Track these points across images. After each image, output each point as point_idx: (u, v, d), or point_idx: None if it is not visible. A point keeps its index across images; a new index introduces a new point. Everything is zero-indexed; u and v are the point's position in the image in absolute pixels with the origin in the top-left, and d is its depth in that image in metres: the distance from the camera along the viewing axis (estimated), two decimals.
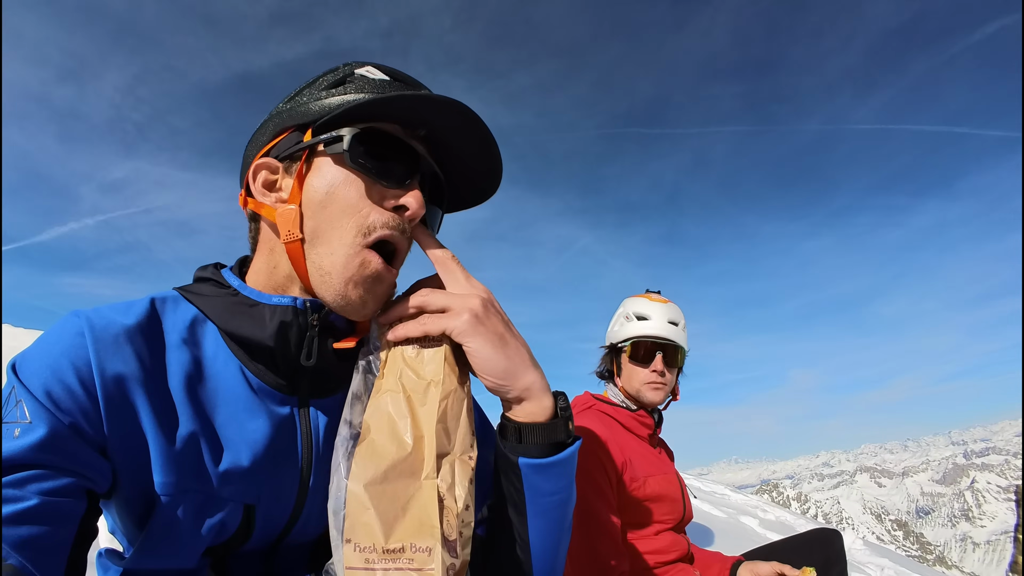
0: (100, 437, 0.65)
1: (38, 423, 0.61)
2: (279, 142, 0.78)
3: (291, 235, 0.73)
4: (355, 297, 0.73)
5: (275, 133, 0.78)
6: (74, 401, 0.64)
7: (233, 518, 0.74)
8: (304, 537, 0.83)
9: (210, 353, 0.75)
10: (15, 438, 0.60)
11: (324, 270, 0.72)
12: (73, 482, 0.62)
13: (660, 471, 1.68)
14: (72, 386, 0.64)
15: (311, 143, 0.74)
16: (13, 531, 0.57)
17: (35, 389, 0.63)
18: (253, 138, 0.83)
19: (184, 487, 0.69)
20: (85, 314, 0.69)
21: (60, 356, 0.65)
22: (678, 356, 1.77)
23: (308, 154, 0.75)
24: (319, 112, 0.75)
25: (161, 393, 0.70)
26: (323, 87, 0.77)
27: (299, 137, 0.76)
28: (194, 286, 0.80)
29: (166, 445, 0.68)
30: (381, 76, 0.78)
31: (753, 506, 6.94)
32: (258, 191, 0.77)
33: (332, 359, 0.78)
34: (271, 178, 0.77)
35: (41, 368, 0.64)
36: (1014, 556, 7.93)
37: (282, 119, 0.78)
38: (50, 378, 0.64)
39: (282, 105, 0.80)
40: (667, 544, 1.62)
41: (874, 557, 4.93)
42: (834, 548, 1.72)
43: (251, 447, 0.73)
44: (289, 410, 0.77)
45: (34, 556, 0.58)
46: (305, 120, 0.76)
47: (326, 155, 0.74)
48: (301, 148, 0.75)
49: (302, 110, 0.76)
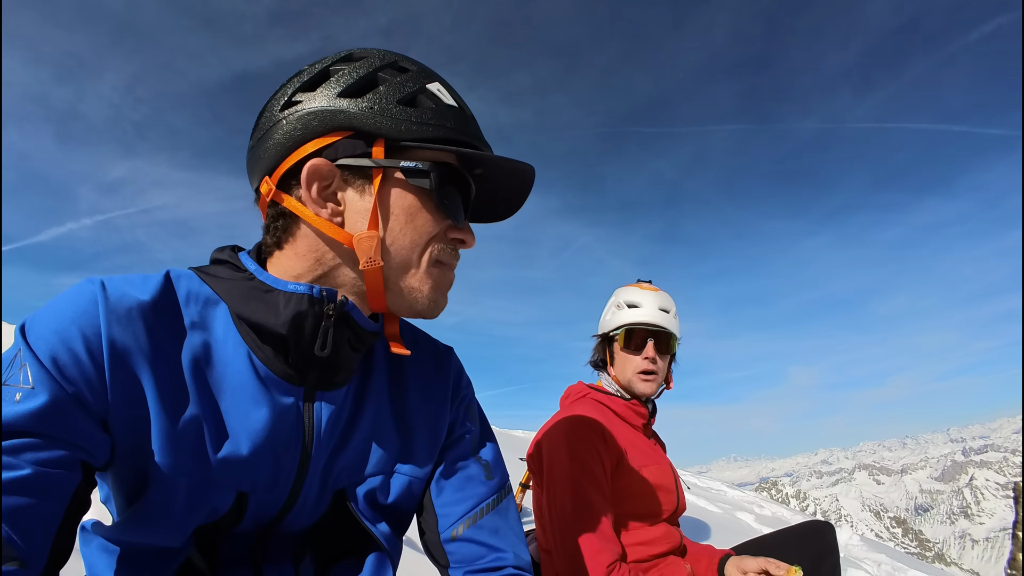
0: (102, 409, 0.64)
1: (40, 390, 0.60)
2: (337, 143, 0.72)
3: (372, 263, 0.74)
4: (442, 303, 0.80)
5: (330, 128, 0.72)
6: (80, 370, 0.62)
7: (224, 503, 0.73)
8: (296, 526, 0.82)
9: (220, 336, 0.74)
10: (15, 402, 0.59)
11: (411, 288, 0.77)
12: (69, 454, 0.61)
13: (654, 461, 1.67)
14: (79, 354, 0.62)
15: (387, 165, 0.72)
16: (3, 500, 0.55)
17: (41, 354, 0.61)
18: (286, 114, 0.74)
19: (180, 469, 0.68)
20: (100, 281, 0.67)
21: (70, 323, 0.63)
22: (670, 343, 1.75)
23: (380, 173, 0.73)
24: (394, 130, 0.72)
25: (168, 372, 0.69)
26: (393, 98, 0.73)
27: (364, 147, 0.72)
28: (210, 267, 0.78)
29: (168, 425, 0.67)
30: (451, 102, 0.77)
31: (750, 502, 6.94)
32: (312, 199, 0.73)
33: (346, 351, 0.77)
34: (324, 185, 0.73)
35: (49, 333, 0.62)
36: (1012, 553, 7.94)
37: (337, 118, 0.72)
38: (58, 344, 0.62)
39: (335, 98, 0.73)
40: (660, 535, 1.61)
41: (871, 553, 4.93)
42: (826, 540, 1.70)
43: (252, 436, 0.72)
44: (294, 400, 0.76)
45: (22, 527, 0.57)
46: (374, 130, 0.72)
47: (400, 180, 0.74)
48: (374, 166, 0.72)
49: (371, 118, 0.72)
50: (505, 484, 0.94)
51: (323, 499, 0.82)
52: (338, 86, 0.73)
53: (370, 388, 0.85)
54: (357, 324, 0.77)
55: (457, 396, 0.95)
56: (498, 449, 0.98)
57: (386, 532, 0.85)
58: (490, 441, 0.97)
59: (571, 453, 1.52)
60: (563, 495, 1.48)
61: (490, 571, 0.86)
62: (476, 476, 0.91)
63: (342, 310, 0.75)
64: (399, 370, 0.90)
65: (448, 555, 0.87)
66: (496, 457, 0.96)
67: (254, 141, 0.77)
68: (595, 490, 1.49)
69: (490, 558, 0.86)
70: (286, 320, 0.72)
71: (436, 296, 0.79)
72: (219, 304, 0.75)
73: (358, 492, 0.83)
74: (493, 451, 0.96)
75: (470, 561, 0.86)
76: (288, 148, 0.73)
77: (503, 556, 0.87)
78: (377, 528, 0.84)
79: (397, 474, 0.85)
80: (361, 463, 0.83)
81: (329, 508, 0.83)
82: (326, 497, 0.82)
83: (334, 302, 0.74)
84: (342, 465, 0.81)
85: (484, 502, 0.89)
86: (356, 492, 0.82)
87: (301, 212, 0.74)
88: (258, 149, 0.76)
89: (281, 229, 0.77)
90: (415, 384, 0.90)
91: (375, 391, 0.85)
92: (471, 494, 0.89)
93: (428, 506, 0.89)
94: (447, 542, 0.87)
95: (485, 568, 0.86)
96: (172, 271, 0.75)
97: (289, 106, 0.74)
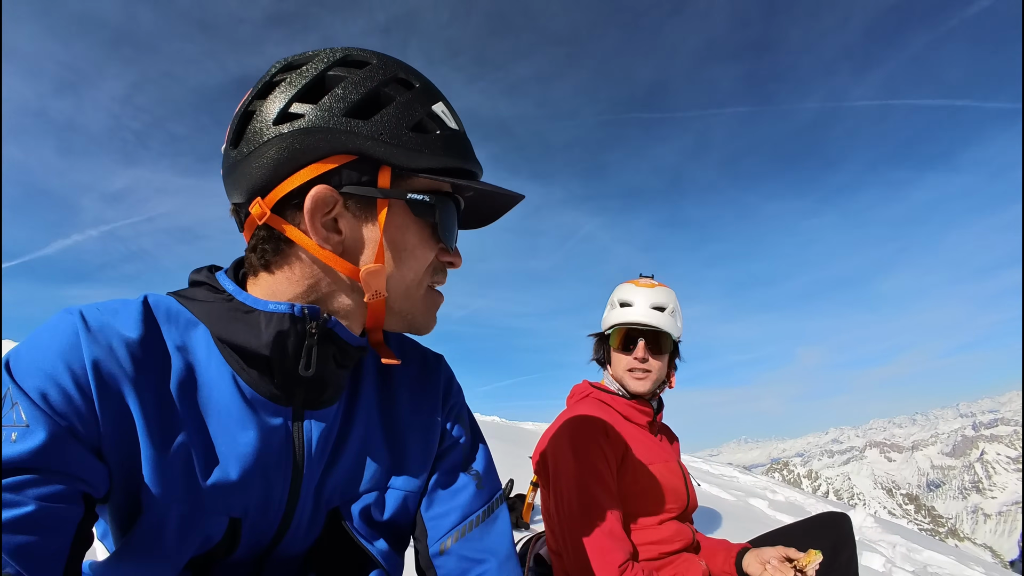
0: (96, 439, 0.64)
1: (36, 427, 0.59)
2: (341, 168, 0.69)
3: (378, 296, 0.74)
4: (433, 323, 0.82)
5: (336, 151, 0.68)
6: (70, 404, 0.62)
7: (217, 530, 0.72)
8: (293, 550, 0.81)
9: (203, 360, 0.72)
10: (13, 442, 0.58)
11: (407, 312, 0.79)
12: (71, 487, 0.61)
13: (661, 459, 1.65)
14: (67, 388, 0.62)
15: (395, 196, 0.71)
16: (11, 538, 0.55)
17: (30, 391, 0.60)
18: (282, 129, 0.68)
19: (171, 496, 0.67)
20: (79, 312, 0.67)
21: (55, 357, 0.62)
22: (664, 342, 1.70)
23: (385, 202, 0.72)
24: (403, 159, 0.70)
25: (154, 398, 0.67)
26: (402, 123, 0.70)
27: (370, 175, 0.70)
28: (188, 290, 0.77)
29: (156, 453, 0.66)
30: (454, 126, 0.76)
31: (762, 487, 6.93)
32: (315, 230, 0.69)
33: (331, 368, 0.75)
34: (326, 211, 0.70)
35: (35, 370, 0.62)
36: None
37: (344, 141, 0.68)
38: (45, 380, 0.61)
39: (343, 117, 0.68)
40: (671, 534, 1.59)
41: (886, 534, 4.91)
42: (842, 531, 1.68)
43: (241, 460, 0.71)
44: (282, 421, 0.74)
45: (31, 564, 0.57)
46: (382, 158, 0.69)
47: (405, 211, 0.74)
48: (381, 196, 0.71)
49: (381, 145, 0.69)
50: (496, 494, 0.92)
51: (317, 519, 0.80)
52: (344, 103, 0.68)
53: (359, 403, 0.83)
54: (342, 340, 0.74)
55: (447, 404, 0.93)
56: (489, 457, 0.96)
57: (384, 550, 0.83)
58: (481, 449, 0.95)
59: (575, 453, 1.50)
60: (570, 496, 1.47)
61: None
62: (466, 487, 0.89)
63: (325, 327, 0.72)
64: (388, 382, 0.88)
65: (436, 569, 0.86)
66: (488, 466, 0.94)
67: (239, 153, 0.70)
68: (602, 489, 1.47)
69: (475, 573, 0.85)
70: (268, 340, 0.70)
71: (430, 319, 0.82)
72: (199, 327, 0.73)
73: (353, 510, 0.81)
74: (484, 459, 0.94)
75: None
76: (287, 170, 0.69)
77: (489, 571, 0.85)
78: (375, 546, 0.82)
79: (392, 489, 0.84)
80: (354, 480, 0.81)
81: (324, 529, 0.81)
82: (320, 517, 0.80)
83: (316, 320, 0.71)
84: (334, 483, 0.80)
85: (474, 514, 0.87)
86: (351, 510, 0.81)
87: (302, 242, 0.70)
88: (246, 164, 0.70)
89: (271, 252, 0.73)
90: (404, 396, 0.88)
91: (364, 406, 0.84)
92: (460, 505, 0.87)
93: (418, 519, 0.87)
94: (435, 556, 0.86)
95: None
96: (150, 296, 0.73)
97: (286, 119, 0.68)
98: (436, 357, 0.96)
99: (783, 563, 1.45)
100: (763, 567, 1.48)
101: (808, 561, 1.41)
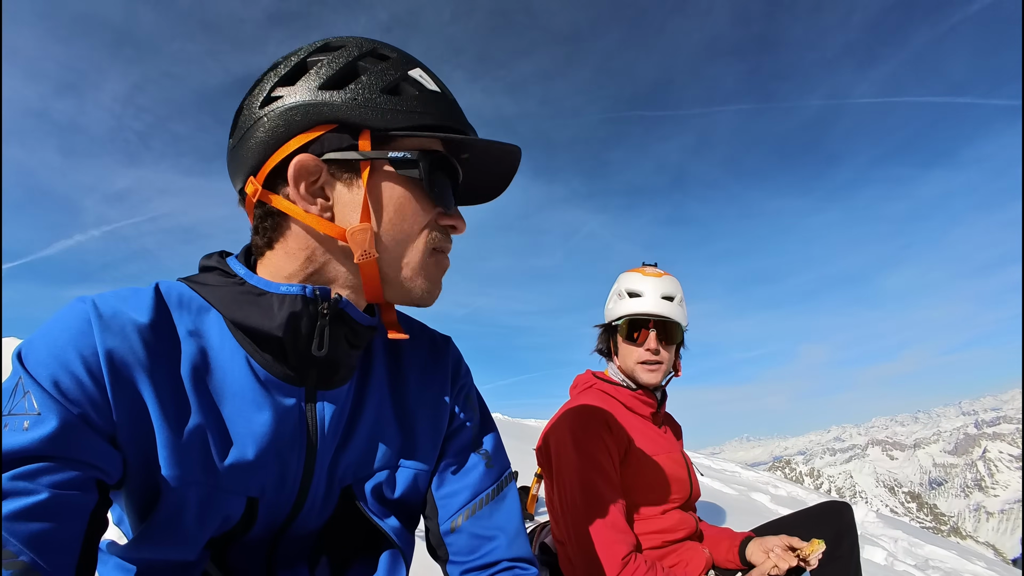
0: (110, 427, 0.64)
1: (48, 415, 0.60)
2: (322, 138, 0.71)
3: (368, 255, 0.73)
4: (437, 291, 0.80)
5: (314, 122, 0.71)
6: (82, 391, 0.62)
7: (236, 510, 0.73)
8: (306, 528, 0.82)
9: (216, 344, 0.73)
10: (25, 430, 0.59)
11: (407, 277, 0.77)
12: (84, 474, 0.61)
13: (664, 450, 1.66)
14: (80, 376, 0.62)
15: (375, 157, 0.71)
16: (24, 526, 0.56)
17: (43, 379, 0.61)
18: (266, 111, 0.72)
19: (189, 480, 0.68)
20: (91, 300, 0.67)
21: (67, 345, 0.63)
22: (674, 332, 1.70)
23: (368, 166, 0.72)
24: (379, 121, 0.71)
25: (168, 384, 0.68)
26: (376, 88, 0.72)
27: (350, 140, 0.71)
28: (199, 276, 0.78)
29: (172, 437, 0.67)
30: (434, 87, 0.76)
31: (764, 483, 6.94)
32: (301, 196, 0.71)
33: (343, 349, 0.76)
34: (312, 180, 0.72)
35: (47, 358, 0.62)
36: None
37: (320, 111, 0.70)
38: (57, 368, 0.62)
39: (317, 91, 0.71)
40: (675, 523, 1.60)
41: (887, 529, 4.93)
42: (844, 521, 1.69)
43: (256, 440, 0.72)
44: (295, 401, 0.75)
45: (46, 552, 0.57)
46: (358, 122, 0.71)
47: (389, 171, 0.73)
48: (362, 159, 0.71)
49: (354, 109, 0.71)
50: (505, 472, 0.94)
51: (331, 497, 0.82)
52: (318, 78, 0.71)
53: (371, 383, 0.85)
54: (353, 320, 0.76)
55: (456, 385, 0.94)
56: (498, 437, 0.98)
57: (396, 527, 0.85)
58: (490, 429, 0.97)
59: (576, 445, 1.51)
60: (572, 488, 1.47)
61: (485, 568, 0.86)
62: (476, 466, 0.91)
63: (336, 308, 0.74)
64: (398, 363, 0.89)
65: (447, 547, 0.88)
66: (496, 445, 0.96)
67: (234, 141, 0.75)
68: (603, 480, 1.48)
69: (486, 549, 0.87)
70: (281, 322, 0.71)
71: (432, 284, 0.79)
72: (211, 312, 0.75)
73: (365, 488, 0.83)
74: (493, 439, 0.96)
75: (467, 553, 0.87)
76: (272, 146, 0.72)
77: (499, 548, 0.87)
78: (387, 523, 0.84)
79: (402, 468, 0.85)
80: (366, 459, 0.83)
81: (338, 507, 0.83)
82: (333, 495, 0.82)
83: (328, 300, 0.73)
84: (347, 462, 0.81)
85: (484, 492, 0.89)
86: (363, 489, 0.83)
87: (290, 210, 0.72)
88: (240, 149, 0.74)
89: (271, 229, 0.75)
90: (414, 375, 0.90)
91: (376, 386, 0.85)
92: (470, 484, 0.89)
93: (429, 498, 0.89)
94: (446, 534, 0.87)
95: (480, 566, 0.86)
96: (161, 283, 0.75)
97: (269, 102, 0.72)
98: (444, 339, 0.97)
99: (786, 551, 1.46)
100: (766, 555, 1.50)
101: (811, 550, 1.42)
